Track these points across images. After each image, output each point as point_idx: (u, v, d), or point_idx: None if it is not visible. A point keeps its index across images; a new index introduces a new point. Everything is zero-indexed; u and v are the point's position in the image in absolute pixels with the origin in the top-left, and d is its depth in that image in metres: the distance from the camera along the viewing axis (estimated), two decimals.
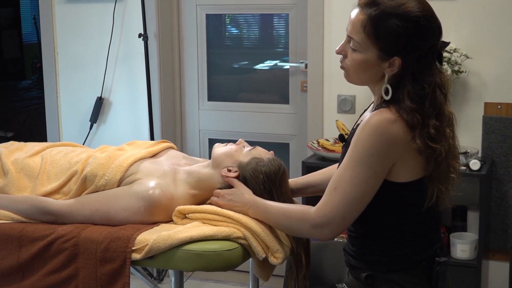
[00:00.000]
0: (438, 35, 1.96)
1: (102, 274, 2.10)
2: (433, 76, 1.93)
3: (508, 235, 3.40)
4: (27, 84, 7.57)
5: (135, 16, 3.97)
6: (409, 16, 1.89)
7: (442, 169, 1.94)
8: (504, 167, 3.36)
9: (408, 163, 1.93)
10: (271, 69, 4.12)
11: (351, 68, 2.01)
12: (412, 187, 1.96)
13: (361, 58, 1.96)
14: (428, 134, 1.89)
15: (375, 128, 1.89)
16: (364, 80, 2.04)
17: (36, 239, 2.19)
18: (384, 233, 2.03)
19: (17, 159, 2.49)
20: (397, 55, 1.92)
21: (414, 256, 2.01)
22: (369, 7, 1.93)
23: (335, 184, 1.95)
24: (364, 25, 1.93)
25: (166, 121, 4.11)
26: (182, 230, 2.11)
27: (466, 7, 3.36)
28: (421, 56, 1.92)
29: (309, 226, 1.99)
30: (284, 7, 3.91)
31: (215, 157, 2.31)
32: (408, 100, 1.90)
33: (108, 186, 2.28)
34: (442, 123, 1.93)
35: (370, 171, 1.91)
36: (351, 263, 2.10)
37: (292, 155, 3.99)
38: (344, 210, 1.94)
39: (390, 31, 1.90)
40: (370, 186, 1.93)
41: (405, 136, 1.89)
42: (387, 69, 1.94)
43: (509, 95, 3.34)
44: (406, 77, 1.92)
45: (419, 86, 1.91)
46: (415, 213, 1.99)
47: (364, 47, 1.94)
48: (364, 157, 1.91)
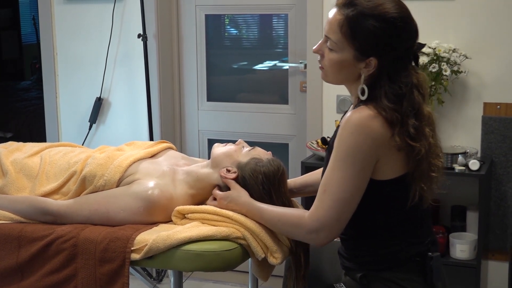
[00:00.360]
0: (415, 36, 1.98)
1: (101, 274, 2.10)
2: (409, 76, 1.95)
3: (507, 235, 3.40)
4: (26, 85, 7.57)
5: (134, 17, 3.97)
6: (386, 17, 1.91)
7: (423, 168, 1.96)
8: (503, 167, 3.36)
9: (390, 160, 1.94)
10: (270, 70, 4.12)
11: (328, 67, 2.03)
12: (395, 184, 1.97)
13: (338, 58, 1.98)
14: (408, 133, 1.91)
15: (356, 126, 1.91)
16: (341, 80, 2.06)
17: (35, 239, 2.19)
18: (372, 233, 2.04)
19: (16, 159, 2.49)
20: (373, 55, 1.94)
21: (404, 253, 2.02)
22: (346, 7, 1.95)
23: (324, 187, 1.97)
24: (341, 25, 1.95)
25: (165, 121, 4.11)
26: (181, 230, 2.11)
27: (465, 7, 3.36)
28: (397, 57, 1.94)
29: (305, 232, 2.01)
30: (283, 8, 3.91)
31: (214, 157, 2.31)
32: (386, 100, 1.92)
33: (107, 187, 2.28)
34: (421, 122, 1.95)
35: (356, 169, 1.92)
36: (346, 265, 2.12)
37: (291, 155, 3.99)
38: (337, 212, 1.95)
39: (366, 31, 1.92)
40: (359, 184, 1.94)
41: (385, 132, 1.91)
42: (363, 69, 1.96)
43: (508, 95, 3.34)
44: (382, 77, 1.95)
45: (395, 86, 1.93)
46: (400, 211, 2.00)
47: (340, 47, 1.97)
48: (349, 155, 1.92)
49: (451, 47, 3.27)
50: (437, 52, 3.25)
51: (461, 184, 3.41)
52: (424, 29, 3.46)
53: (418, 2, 3.39)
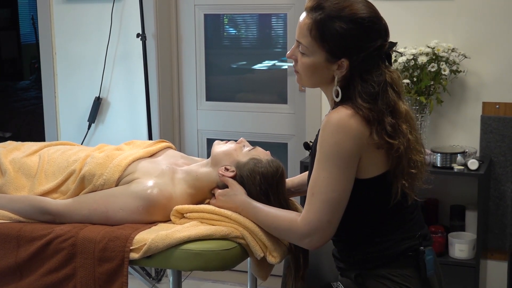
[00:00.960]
0: (384, 35, 1.99)
1: (100, 273, 2.10)
2: (382, 75, 1.97)
3: (506, 235, 3.40)
4: (25, 85, 7.57)
5: (133, 16, 3.97)
6: (353, 18, 1.94)
7: (403, 165, 1.97)
8: (502, 167, 3.36)
9: (371, 158, 1.96)
10: (269, 69, 4.12)
11: (302, 72, 2.05)
12: (378, 182, 1.98)
13: (310, 61, 2.01)
14: (385, 131, 1.92)
15: (335, 125, 1.93)
16: (316, 83, 2.08)
17: (34, 238, 2.19)
18: (360, 232, 2.05)
19: (15, 159, 2.49)
20: (344, 56, 1.96)
21: (394, 249, 2.03)
22: (314, 11, 1.98)
23: (312, 190, 1.98)
24: (310, 28, 1.97)
25: (164, 121, 4.11)
26: (180, 229, 2.10)
27: (464, 7, 3.36)
28: (367, 56, 1.96)
29: (298, 236, 2.02)
30: (282, 7, 3.91)
31: (214, 155, 2.31)
32: (360, 99, 1.94)
33: (106, 186, 2.28)
34: (398, 119, 1.96)
35: (341, 168, 1.93)
36: (340, 266, 2.14)
37: (290, 155, 3.99)
38: (327, 213, 1.96)
39: (335, 33, 1.94)
40: (345, 182, 1.95)
41: (364, 130, 1.92)
42: (336, 71, 1.98)
43: (507, 94, 3.34)
44: (354, 77, 1.97)
45: (368, 86, 1.95)
46: (384, 208, 2.01)
47: (311, 50, 1.99)
48: (332, 155, 1.93)
49: (450, 46, 3.27)
50: (436, 52, 3.25)
51: (460, 183, 3.41)
52: (423, 29, 3.49)
53: (417, 2, 3.40)
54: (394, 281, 2.01)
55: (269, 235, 2.12)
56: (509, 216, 3.38)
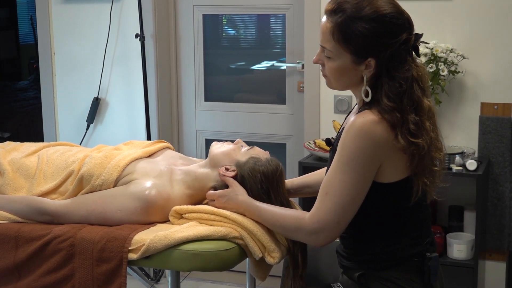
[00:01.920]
0: (408, 28, 1.97)
1: (98, 274, 2.10)
2: (409, 71, 1.95)
3: (504, 235, 3.40)
4: (24, 85, 7.57)
5: (131, 17, 3.97)
6: (374, 16, 1.92)
7: (426, 163, 1.96)
8: (500, 167, 3.36)
9: (393, 163, 1.95)
10: (268, 70, 4.12)
11: (330, 75, 2.03)
12: (398, 186, 1.97)
13: (337, 65, 1.99)
14: (409, 130, 1.91)
15: (359, 130, 1.91)
16: (345, 85, 2.06)
17: (33, 239, 2.18)
18: (373, 233, 2.04)
19: (14, 159, 2.49)
20: (370, 56, 1.94)
21: (403, 252, 2.03)
22: (334, 14, 1.95)
23: (326, 190, 1.97)
24: (332, 32, 1.95)
25: (163, 121, 4.11)
26: (179, 230, 2.10)
27: (462, 8, 3.36)
28: (394, 53, 1.93)
29: (305, 233, 2.01)
30: (280, 8, 3.91)
31: (212, 156, 2.31)
32: (386, 99, 1.92)
33: (105, 186, 2.28)
34: (422, 117, 1.94)
35: (359, 174, 1.92)
36: (344, 264, 2.12)
37: (289, 156, 3.99)
38: (338, 215, 1.95)
39: (358, 34, 1.92)
40: (360, 188, 1.94)
41: (389, 136, 1.91)
42: (364, 71, 1.97)
43: (506, 95, 3.34)
44: (382, 76, 1.95)
45: (396, 84, 1.93)
46: (402, 210, 2.01)
47: (337, 53, 1.97)
48: (352, 160, 1.92)
49: (448, 47, 3.27)
50: (434, 52, 3.25)
51: (459, 184, 3.41)
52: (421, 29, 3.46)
53: (416, 2, 3.40)
54: (397, 284, 2.01)
55: (268, 236, 2.12)
56: (508, 216, 3.39)
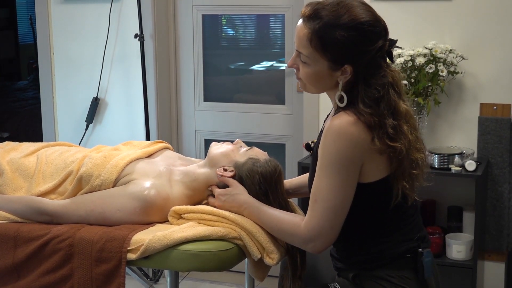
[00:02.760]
0: (384, 35, 1.97)
1: (97, 274, 2.10)
2: (385, 77, 1.96)
3: (503, 236, 3.40)
4: (23, 85, 7.57)
5: (131, 17, 3.97)
6: (352, 24, 1.91)
7: (405, 166, 1.97)
8: (499, 168, 3.36)
9: (373, 163, 1.95)
10: (267, 70, 4.12)
11: (305, 80, 2.03)
12: (379, 186, 1.98)
13: (313, 70, 1.99)
14: (387, 134, 1.92)
15: (337, 132, 1.92)
16: (320, 89, 2.06)
17: (32, 239, 2.18)
18: (360, 233, 2.05)
19: (13, 159, 2.49)
20: (347, 63, 1.94)
21: (393, 250, 2.03)
22: (312, 20, 1.94)
23: (315, 197, 1.98)
24: (310, 39, 1.95)
25: (162, 121, 4.11)
26: (178, 230, 2.10)
27: (461, 8, 3.36)
28: (370, 60, 1.94)
29: (301, 241, 2.03)
30: (280, 8, 3.91)
31: (211, 156, 2.31)
32: (362, 105, 1.93)
33: (104, 186, 2.28)
34: (399, 121, 1.95)
35: (343, 176, 1.94)
36: (338, 266, 2.13)
37: (288, 156, 3.99)
38: (330, 219, 1.96)
39: (336, 42, 1.92)
40: (347, 189, 1.95)
41: (366, 136, 1.91)
42: (340, 76, 1.97)
43: (505, 95, 3.35)
44: (358, 82, 1.95)
45: (372, 90, 1.93)
46: (385, 210, 2.01)
47: (313, 59, 1.97)
48: (334, 163, 1.93)
49: (447, 47, 3.27)
50: (433, 53, 3.25)
51: (458, 184, 3.41)
52: (420, 30, 3.49)
53: (415, 2, 3.40)
54: (392, 282, 2.02)
55: (266, 236, 2.12)
56: (506, 217, 3.39)
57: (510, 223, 3.40)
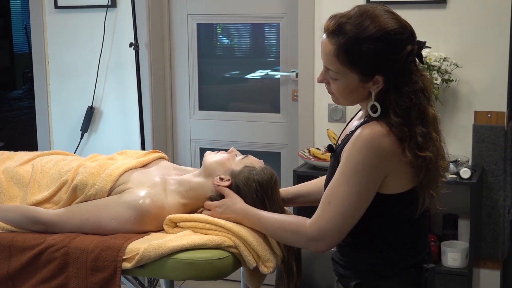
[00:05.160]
0: (412, 40, 1.93)
1: (92, 283, 2.10)
2: (417, 83, 1.92)
3: (498, 243, 3.40)
4: (18, 94, 7.57)
5: (126, 26, 3.97)
6: (379, 35, 1.88)
7: (432, 175, 1.94)
8: (494, 176, 3.37)
9: (398, 176, 1.94)
10: (262, 79, 4.12)
11: (338, 94, 2.01)
12: (402, 198, 1.96)
13: (344, 84, 1.96)
14: (417, 144, 1.89)
15: (366, 142, 1.90)
16: (353, 101, 2.03)
17: (26, 248, 2.18)
18: (372, 242, 2.04)
19: (7, 168, 2.48)
20: (377, 73, 1.91)
21: (402, 263, 2.02)
22: (337, 36, 1.91)
23: (329, 199, 1.96)
24: (336, 54, 1.92)
25: (157, 130, 4.11)
26: (173, 239, 2.10)
27: (455, 16, 3.37)
28: (401, 67, 1.91)
29: (305, 240, 2.01)
30: (275, 17, 3.92)
31: (206, 166, 2.31)
32: (393, 115, 1.90)
33: (99, 196, 2.27)
34: (428, 128, 1.93)
35: (364, 185, 1.92)
36: (340, 272, 2.10)
37: (283, 164, 3.99)
38: (339, 224, 1.95)
39: (363, 55, 1.89)
40: (364, 199, 1.94)
41: (396, 149, 1.89)
42: (373, 86, 1.94)
43: (499, 103, 3.35)
44: (390, 91, 1.92)
45: (404, 99, 1.90)
46: (405, 222, 2.00)
47: (343, 74, 1.94)
48: (358, 171, 1.91)
49: (442, 55, 3.28)
50: (428, 61, 3.26)
51: (453, 192, 3.38)
52: None
53: (409, 10, 3.41)
54: None
55: (262, 245, 2.12)
56: (502, 224, 3.39)
57: (505, 231, 3.40)
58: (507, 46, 3.32)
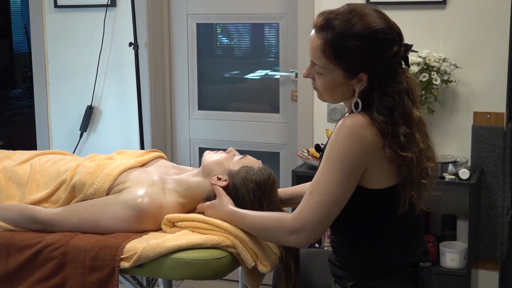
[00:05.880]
0: (399, 41, 1.95)
1: (90, 282, 2.10)
2: (401, 83, 1.94)
3: (497, 244, 3.40)
4: (18, 93, 7.57)
5: (125, 25, 3.97)
6: (365, 33, 1.90)
7: (414, 176, 1.94)
8: (493, 176, 3.37)
9: (380, 169, 1.94)
10: (261, 79, 4.12)
11: (322, 90, 2.02)
12: (387, 194, 1.97)
13: (328, 80, 1.98)
14: (399, 144, 1.90)
15: (348, 131, 1.91)
16: (337, 98, 2.05)
17: (25, 247, 2.18)
18: (365, 242, 2.04)
19: (6, 167, 2.48)
20: (362, 71, 1.93)
21: (396, 262, 2.02)
22: (324, 31, 1.93)
23: (311, 189, 1.97)
24: (323, 49, 1.93)
25: (156, 130, 4.11)
26: (171, 238, 2.10)
27: (455, 17, 3.37)
28: (386, 67, 1.93)
29: (286, 232, 1.99)
30: (274, 17, 3.92)
31: (205, 165, 2.31)
32: (376, 113, 1.91)
33: (97, 195, 2.28)
34: (412, 128, 1.93)
35: (345, 174, 1.92)
36: (337, 273, 2.10)
37: (282, 164, 3.99)
38: (320, 214, 1.94)
39: (349, 51, 1.91)
40: (345, 189, 1.93)
41: (377, 141, 1.90)
42: (357, 84, 1.95)
43: (498, 104, 3.35)
44: (374, 89, 1.94)
45: (388, 98, 1.92)
46: (391, 219, 2.00)
47: (328, 70, 1.96)
48: (339, 159, 1.91)
49: (441, 56, 3.28)
50: (427, 62, 3.26)
51: (451, 193, 3.41)
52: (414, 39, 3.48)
53: (408, 11, 3.41)
54: None
55: (260, 244, 2.12)
56: (500, 225, 3.39)
57: (504, 232, 3.40)
58: (507, 47, 3.32)
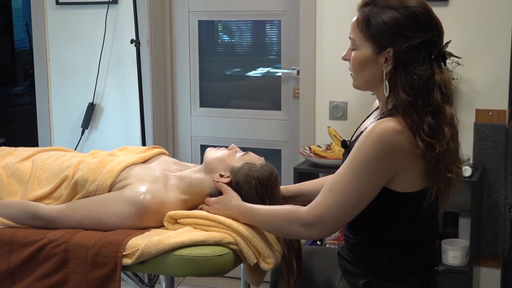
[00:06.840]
0: (435, 30, 1.97)
1: (92, 279, 2.10)
2: (427, 70, 1.92)
3: (499, 242, 3.40)
4: (19, 91, 7.56)
5: (127, 22, 3.97)
6: (398, 7, 1.93)
7: (441, 168, 1.91)
8: (495, 174, 3.36)
9: (410, 173, 1.92)
10: (263, 76, 4.12)
11: (353, 69, 2.03)
12: (414, 197, 1.95)
13: (359, 55, 1.99)
14: (424, 131, 1.87)
15: (379, 137, 1.89)
16: (367, 82, 2.03)
17: (27, 244, 2.18)
18: (384, 242, 2.03)
19: (8, 164, 2.48)
20: (389, 46, 1.93)
21: (413, 265, 2.02)
22: (364, 7, 1.99)
23: (331, 186, 1.95)
24: (358, 22, 1.99)
25: (158, 127, 4.10)
26: (173, 235, 2.10)
27: (457, 14, 3.37)
28: (412, 47, 1.92)
29: (299, 224, 1.99)
30: (276, 14, 3.92)
31: (207, 162, 2.31)
32: (403, 92, 1.90)
33: (99, 191, 2.27)
34: (439, 121, 1.90)
35: (369, 179, 1.91)
36: (348, 269, 2.09)
37: (284, 162, 3.99)
38: (337, 213, 1.94)
39: (380, 23, 1.94)
40: (367, 193, 1.93)
41: (409, 145, 1.88)
42: (384, 64, 1.95)
43: (500, 101, 3.35)
44: (398, 68, 1.93)
45: (410, 77, 1.91)
46: (413, 222, 1.99)
47: (359, 43, 1.99)
48: (365, 164, 1.90)
49: None
50: None
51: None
52: None
53: None
54: None
55: (262, 241, 2.12)
56: (502, 223, 3.39)
57: (506, 229, 3.40)
58: (509, 45, 3.32)
